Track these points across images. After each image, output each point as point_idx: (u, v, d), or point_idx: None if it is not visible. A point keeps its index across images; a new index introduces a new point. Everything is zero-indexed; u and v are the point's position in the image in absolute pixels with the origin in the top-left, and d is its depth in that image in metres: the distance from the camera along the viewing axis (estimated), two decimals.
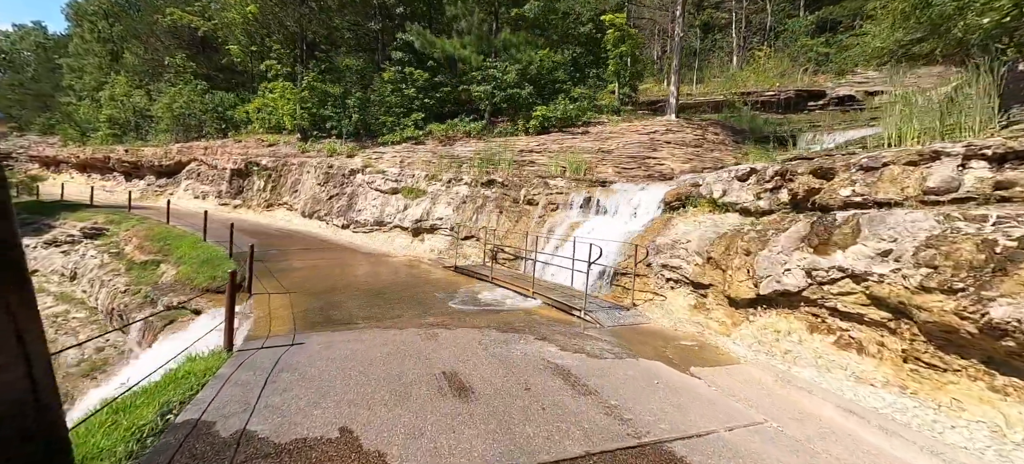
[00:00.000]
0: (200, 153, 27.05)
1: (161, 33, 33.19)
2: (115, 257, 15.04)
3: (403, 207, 17.40)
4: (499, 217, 15.32)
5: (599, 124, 20.47)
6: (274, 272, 11.38)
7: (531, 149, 18.84)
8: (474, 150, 19.40)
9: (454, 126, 21.54)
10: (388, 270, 12.82)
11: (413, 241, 16.77)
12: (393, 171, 18.65)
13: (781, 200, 8.36)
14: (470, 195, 16.51)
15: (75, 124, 38.43)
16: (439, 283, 11.58)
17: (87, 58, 40.91)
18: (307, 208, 20.17)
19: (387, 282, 11.23)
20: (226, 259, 12.02)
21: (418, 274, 12.55)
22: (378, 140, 22.76)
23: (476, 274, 12.62)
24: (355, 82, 24.76)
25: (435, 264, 14.36)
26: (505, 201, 15.77)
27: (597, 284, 11.04)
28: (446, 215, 16.28)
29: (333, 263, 12.96)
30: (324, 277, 11.26)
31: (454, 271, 13.34)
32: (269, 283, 10.35)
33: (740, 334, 7.16)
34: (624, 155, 17.15)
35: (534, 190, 15.30)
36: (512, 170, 17.31)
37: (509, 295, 10.61)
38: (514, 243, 14.34)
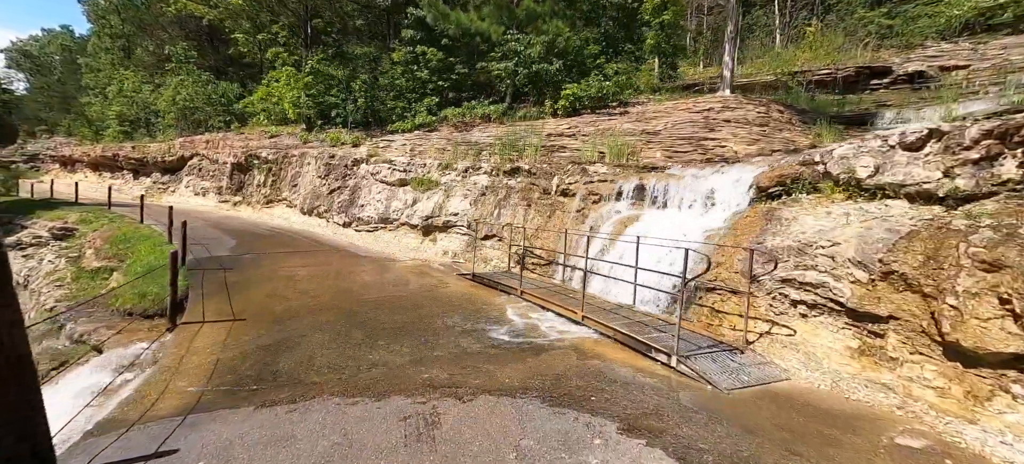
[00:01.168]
0: (202, 147, 24.37)
1: (167, 24, 30.72)
2: (71, 262, 12.19)
3: (412, 201, 14.22)
4: (527, 211, 11.98)
5: (638, 104, 16.94)
6: (237, 286, 8.28)
7: (561, 133, 15.43)
8: (494, 135, 16.08)
9: (471, 110, 18.26)
10: (388, 281, 9.60)
11: (423, 242, 13.57)
12: (401, 160, 15.48)
13: (1002, 176, 4.85)
14: (491, 186, 13.22)
15: (88, 122, 36.42)
16: (451, 299, 8.31)
17: (102, 56, 38.94)
18: (306, 204, 17.18)
19: (382, 300, 8.00)
20: None
21: (425, 286, 9.30)
22: (387, 128, 19.64)
23: (500, 285, 9.32)
24: (363, 66, 21.69)
25: (448, 271, 11.10)
26: (533, 192, 12.42)
27: (666, 302, 7.65)
28: (462, 210, 13.02)
29: (319, 272, 9.81)
30: (299, 293, 8.10)
31: (472, 280, 10.07)
32: (220, 303, 7.24)
33: (1005, 423, 3.68)
34: (675, 136, 13.62)
35: (569, 178, 11.91)
36: (540, 156, 13.95)
37: (547, 318, 7.29)
38: (547, 244, 11.00)
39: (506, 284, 9.25)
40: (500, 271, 11.02)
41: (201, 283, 8.20)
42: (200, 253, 10.72)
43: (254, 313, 6.85)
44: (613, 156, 12.74)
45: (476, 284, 9.84)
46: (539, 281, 9.88)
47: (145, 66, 32.96)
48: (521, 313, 7.62)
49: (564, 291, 8.80)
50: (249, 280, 8.70)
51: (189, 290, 7.82)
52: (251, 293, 7.86)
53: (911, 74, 19.25)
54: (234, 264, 9.93)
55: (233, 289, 8.02)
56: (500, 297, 8.76)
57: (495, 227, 12.17)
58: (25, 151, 49.55)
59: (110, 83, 34.02)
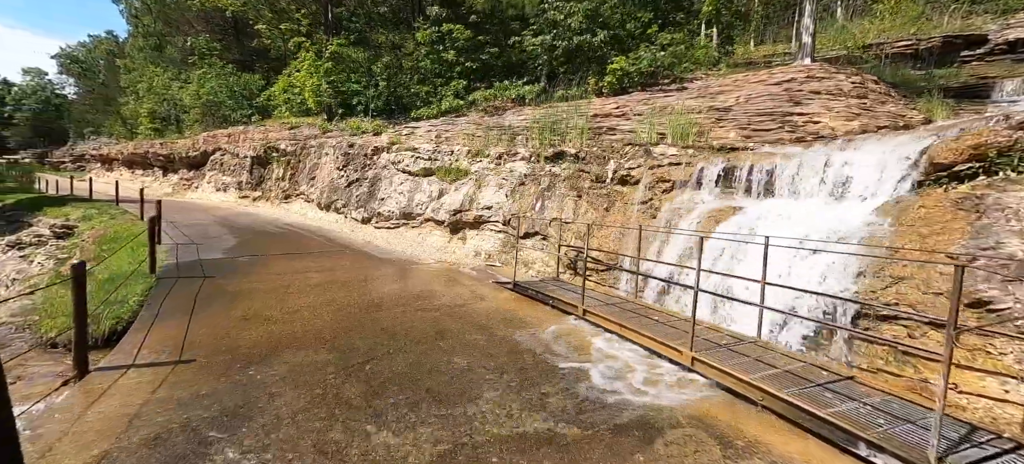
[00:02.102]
0: (224, 141, 22.79)
1: (194, 19, 29.39)
2: (59, 263, 10.42)
3: (437, 193, 11.91)
4: (576, 204, 9.48)
5: (696, 79, 14.15)
6: (211, 301, 6.10)
7: (608, 112, 12.81)
8: (530, 118, 13.60)
9: (503, 91, 15.82)
10: (408, 293, 7.28)
11: (451, 240, 11.24)
12: (426, 147, 13.18)
13: None
14: (530, 174, 10.76)
15: (123, 121, 35.82)
16: (490, 323, 5.90)
17: (136, 56, 38.33)
18: (323, 198, 15.13)
19: (397, 324, 5.67)
20: (143, 277, 6.86)
21: (455, 301, 6.93)
22: (411, 115, 17.40)
23: (552, 299, 6.87)
24: (386, 50, 19.54)
25: (482, 277, 8.73)
26: (583, 180, 9.91)
27: (805, 333, 5.08)
28: (497, 202, 10.62)
29: (322, 280, 7.58)
30: (287, 314, 5.85)
31: (513, 290, 7.67)
32: (174, 330, 5.05)
33: None
34: (751, 112, 10.82)
35: (629, 162, 9.36)
36: (587, 139, 11.43)
37: (634, 358, 4.81)
38: (605, 244, 8.49)
39: (560, 298, 6.79)
40: (547, 278, 8.57)
41: (164, 298, 6.06)
42: (187, 256, 8.68)
43: (213, 347, 4.62)
44: (677, 136, 10.10)
45: (519, 296, 7.42)
46: (600, 293, 7.37)
47: (174, 62, 31.87)
48: (585, 348, 5.16)
49: (643, 311, 6.27)
50: (231, 292, 6.52)
51: (142, 308, 5.69)
52: (224, 313, 5.65)
53: (1011, 42, 15.65)
54: (221, 270, 7.81)
55: (204, 306, 5.83)
56: (555, 317, 6.32)
57: (538, 223, 9.72)
58: (74, 152, 50.19)
59: (141, 81, 33.18)
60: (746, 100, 11.49)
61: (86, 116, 56.14)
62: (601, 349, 5.14)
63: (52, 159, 52.65)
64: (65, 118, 62.62)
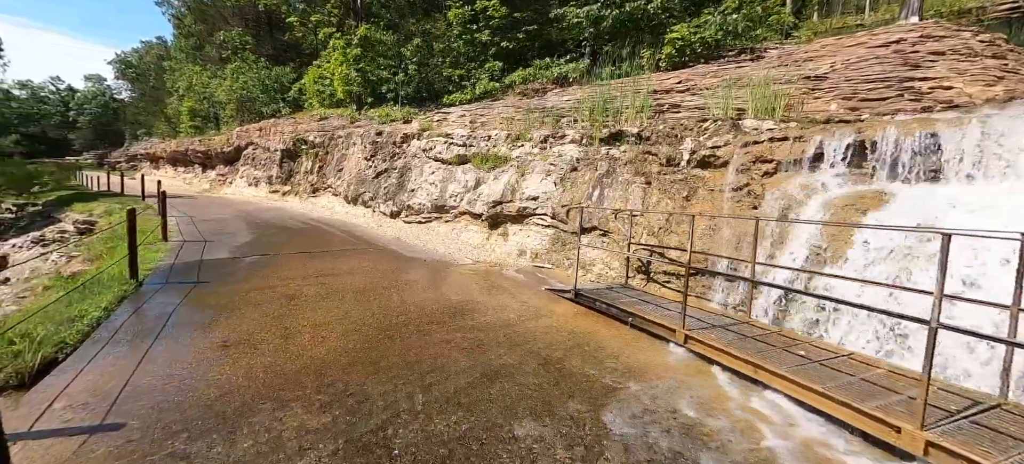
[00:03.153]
0: (255, 135, 21.91)
1: (229, 15, 28.83)
2: (67, 261, 9.36)
3: (473, 183, 10.19)
4: (645, 191, 7.53)
5: (771, 48, 11.84)
6: (195, 317, 4.59)
7: (668, 88, 10.72)
8: (575, 98, 11.68)
9: (543, 70, 13.94)
10: (441, 304, 5.57)
11: (490, 236, 9.50)
12: (460, 133, 11.47)
13: None
14: (584, 158, 8.88)
15: (167, 120, 36.08)
16: (556, 354, 4.10)
17: (179, 57, 38.61)
18: (350, 191, 13.72)
19: (426, 356, 3.96)
20: (121, 283, 5.43)
21: (502, 318, 5.17)
22: (443, 101, 15.77)
23: (631, 315, 4.99)
24: (416, 33, 17.97)
25: (530, 281, 6.95)
26: (650, 164, 7.96)
27: None
28: (544, 192, 8.80)
29: (337, 287, 5.99)
30: (284, 335, 4.24)
31: (574, 302, 5.86)
32: (124, 363, 3.50)
33: None
34: (855, 79, 8.52)
35: (712, 140, 7.34)
36: (648, 117, 9.46)
37: (788, 427, 2.89)
38: (685, 240, 6.53)
39: (644, 315, 4.91)
40: (613, 284, 6.69)
41: (131, 313, 4.57)
42: (189, 255, 7.30)
43: (159, 399, 3.04)
44: (761, 111, 8.01)
45: (584, 310, 5.59)
46: (689, 305, 5.44)
47: (211, 60, 31.58)
48: (721, 406, 3.29)
49: (773, 338, 4.31)
50: (218, 305, 4.99)
51: (98, 327, 4.20)
52: (201, 336, 4.10)
53: None
54: (220, 274, 6.35)
55: (176, 327, 4.31)
56: (643, 345, 4.47)
57: (596, 216, 7.82)
58: (128, 152, 51.71)
59: (182, 79, 33.17)
60: (845, 66, 9.18)
61: (139, 118, 57.79)
62: (727, 408, 3.26)
63: (110, 160, 54.43)
64: (121, 121, 64.84)
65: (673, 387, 3.57)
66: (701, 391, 3.52)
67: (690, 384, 3.64)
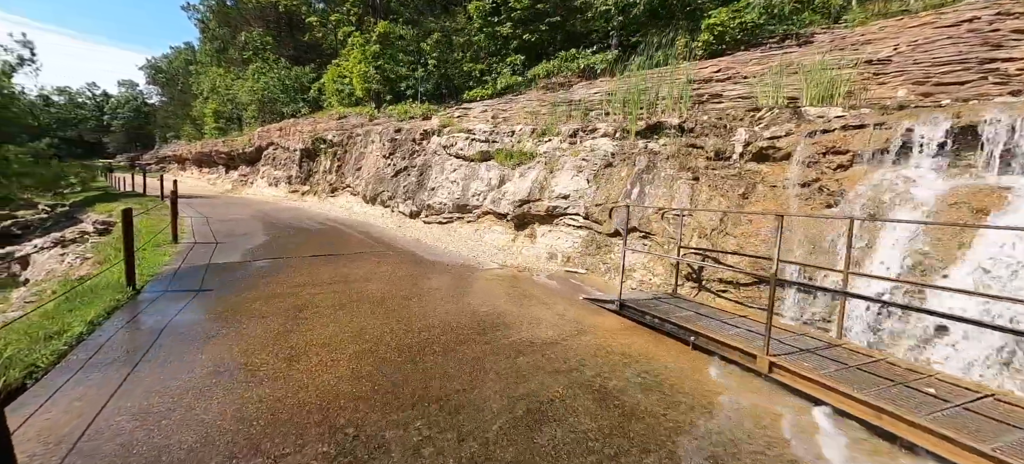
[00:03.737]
0: (276, 135, 21.66)
1: (251, 18, 28.78)
2: (80, 263, 9.00)
3: (497, 181, 9.45)
4: (693, 188, 6.66)
5: (821, 32, 10.77)
6: (190, 333, 3.96)
7: (707, 77, 9.78)
8: (605, 91, 10.84)
9: (568, 62, 13.10)
10: (466, 315, 4.83)
11: (516, 238, 8.74)
12: (482, 128, 10.75)
13: None
14: (619, 152, 8.04)
15: (193, 122, 36.48)
16: (611, 384, 3.29)
17: (205, 60, 39.02)
18: (369, 190, 13.14)
19: (451, 387, 3.21)
20: (116, 291, 4.85)
21: (538, 332, 4.40)
22: (463, 96, 15.11)
23: (693, 333, 4.13)
24: (436, 28, 17.34)
25: (565, 289, 6.16)
26: (695, 157, 7.08)
27: None
28: (575, 190, 7.98)
29: (353, 296, 5.33)
30: (288, 357, 3.56)
31: (619, 314, 5.05)
32: (92, 396, 2.85)
33: None
34: (927, 62, 7.47)
35: (770, 130, 6.43)
36: (688, 108, 8.61)
37: None
38: (750, 244, 5.63)
39: (707, 333, 4.06)
40: (661, 294, 5.85)
41: (119, 328, 3.96)
42: (198, 258, 6.74)
43: (122, 451, 2.37)
44: (817, 98, 7.08)
45: (632, 325, 4.78)
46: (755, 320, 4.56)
47: (234, 62, 31.67)
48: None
49: (875, 363, 3.43)
50: (217, 319, 4.37)
51: (78, 345, 3.59)
52: (191, 357, 3.45)
53: None
54: (227, 280, 5.75)
55: (164, 347, 3.67)
56: (715, 374, 3.64)
57: (636, 215, 6.97)
58: (158, 154, 52.78)
59: (206, 81, 33.42)
60: (911, 48, 8.11)
61: (168, 121, 58.97)
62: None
63: (141, 162, 55.72)
64: (152, 124, 66.41)
65: (776, 440, 2.75)
66: (820, 448, 2.69)
67: (800, 435, 2.80)
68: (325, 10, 24.51)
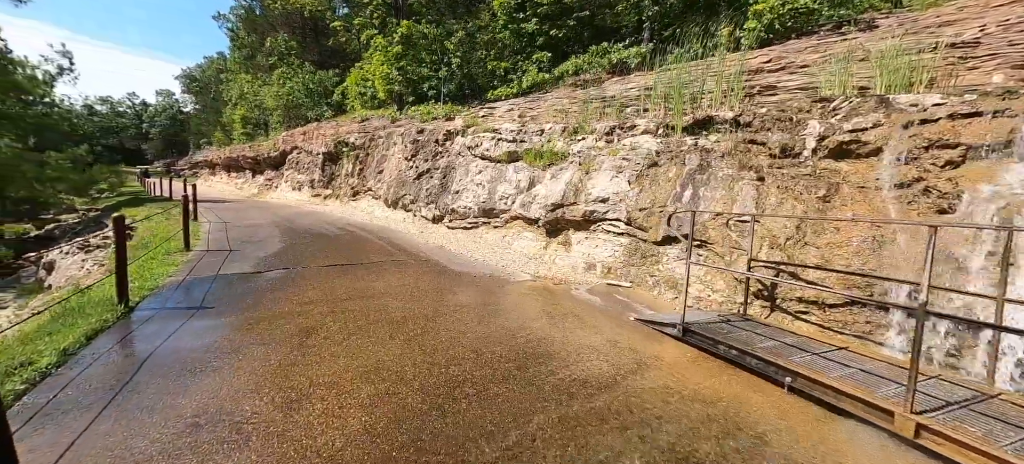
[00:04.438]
0: (300, 139, 21.43)
1: (278, 24, 28.88)
2: (96, 270, 8.62)
3: (526, 183, 8.65)
4: (758, 190, 5.70)
5: (881, 17, 9.59)
6: (175, 367, 3.28)
7: (757, 68, 8.74)
8: (640, 85, 9.92)
9: (599, 57, 12.21)
10: (499, 343, 4.02)
11: (549, 245, 7.91)
12: (509, 128, 9.97)
13: None
14: (665, 150, 7.12)
15: (223, 128, 37.05)
16: (698, 453, 2.41)
17: (235, 68, 39.64)
18: (390, 194, 12.53)
19: (483, 450, 2.40)
20: (106, 309, 4.25)
21: (589, 368, 3.54)
22: (487, 96, 14.38)
23: (789, 372, 3.18)
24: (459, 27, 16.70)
25: (610, 305, 5.29)
26: (756, 155, 6.11)
27: None
28: (615, 192, 7.09)
29: (368, 318, 4.59)
30: (282, 413, 2.81)
31: (683, 340, 4.15)
32: (41, 453, 2.14)
33: None
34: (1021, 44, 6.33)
35: (850, 122, 5.42)
36: (740, 100, 7.66)
37: None
38: (838, 257, 4.65)
39: (818, 378, 3.11)
40: (728, 315, 4.92)
41: (97, 358, 3.31)
42: (207, 268, 6.15)
43: None
44: (895, 85, 6.03)
45: (700, 355, 3.87)
46: (861, 353, 3.59)
47: (261, 69, 31.91)
48: None
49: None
50: (222, 342, 3.69)
51: (45, 377, 2.94)
52: (172, 403, 2.75)
53: None
54: (233, 296, 5.11)
55: (154, 381, 2.99)
56: (829, 432, 2.71)
57: (689, 221, 6.02)
58: (191, 160, 54.11)
59: (234, 88, 33.82)
60: (1002, 28, 6.93)
61: (201, 128, 60.47)
62: None
63: (176, 167, 57.25)
64: (186, 131, 68.32)
65: None
66: None
67: None
68: (349, 14, 24.28)
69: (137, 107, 77.23)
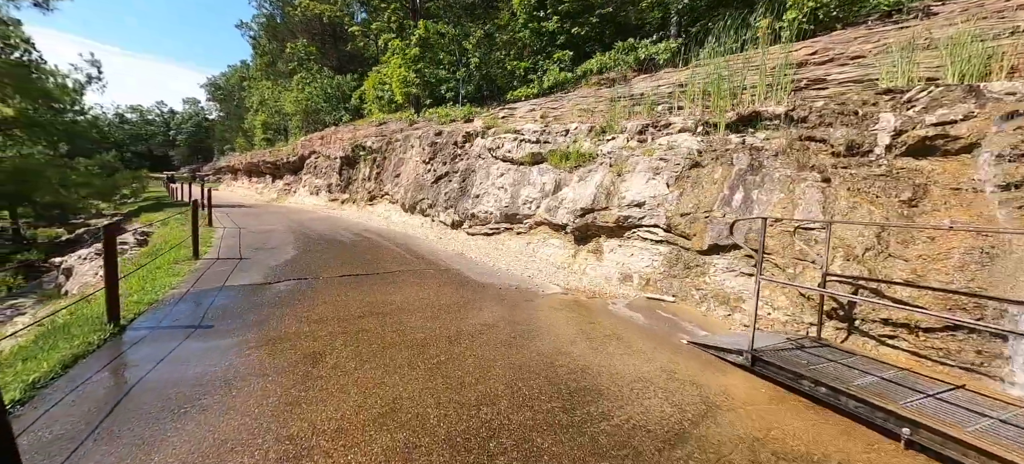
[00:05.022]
0: (318, 144, 21.22)
1: (297, 30, 28.95)
2: None
3: (552, 186, 8.02)
4: (824, 192, 4.95)
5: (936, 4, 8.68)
6: (158, 403, 2.75)
7: (802, 61, 7.94)
8: (672, 81, 9.22)
9: (623, 55, 11.51)
10: (535, 375, 3.39)
11: (577, 253, 7.25)
12: (531, 128, 9.36)
13: None
14: (707, 150, 6.40)
15: (244, 134, 37.42)
16: None
17: (257, 75, 40.08)
18: (407, 198, 12.04)
19: None
20: (94, 329, 3.77)
21: (648, 412, 2.87)
22: (507, 97, 13.82)
23: (906, 421, 2.41)
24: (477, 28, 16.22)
25: (657, 325, 4.60)
26: (816, 153, 5.36)
27: None
28: (654, 196, 6.40)
29: (383, 340, 4.02)
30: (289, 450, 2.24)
31: (750, 370, 3.44)
32: None
33: None
34: None
35: (933, 114, 4.62)
36: (787, 94, 6.92)
37: None
38: (933, 272, 3.90)
39: (942, 430, 2.38)
40: (799, 339, 4.18)
41: (77, 385, 2.80)
42: (214, 279, 5.68)
43: None
44: (969, 74, 5.19)
45: (776, 391, 3.15)
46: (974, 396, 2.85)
47: (282, 75, 32.08)
48: None
49: None
50: (215, 372, 3.16)
51: None
52: (143, 459, 2.19)
53: None
54: (239, 311, 4.60)
55: (128, 425, 2.46)
56: None
57: (739, 229, 5.30)
58: (215, 166, 55.05)
59: (256, 94, 34.09)
60: None
61: (225, 135, 61.53)
62: None
63: (201, 173, 58.27)
64: (211, 138, 69.68)
65: None
66: None
67: None
68: (367, 19, 24.11)
69: (165, 115, 79.22)
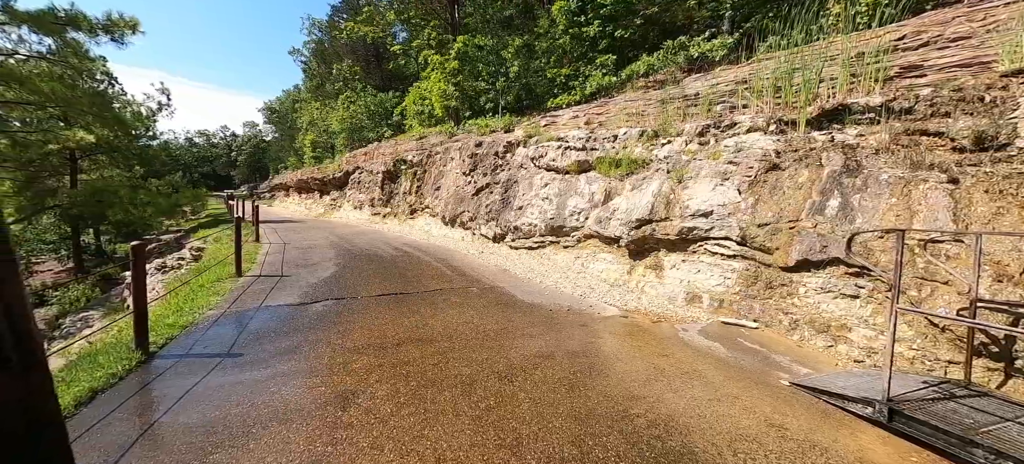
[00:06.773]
0: (361, 160, 21.58)
1: (344, 53, 29.96)
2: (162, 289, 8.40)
3: (602, 196, 7.31)
4: (952, 196, 3.96)
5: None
6: (179, 440, 2.33)
7: (891, 46, 6.83)
8: (730, 79, 8.29)
9: (673, 53, 10.65)
10: (611, 430, 2.71)
11: (633, 269, 6.47)
12: (576, 135, 8.70)
13: None
14: (786, 150, 5.49)
15: (296, 154, 39.14)
16: None
17: (307, 96, 42.01)
18: (448, 211, 11.67)
19: None
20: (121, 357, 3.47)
21: None
22: (547, 105, 13.25)
23: None
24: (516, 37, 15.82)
25: (743, 358, 3.77)
26: (930, 149, 4.36)
27: None
28: (722, 204, 5.56)
29: (424, 377, 3.48)
30: None
31: (887, 428, 2.55)
32: None
33: None
34: None
35: None
36: (878, 84, 5.91)
37: None
38: None
39: None
40: (939, 382, 3.26)
41: (87, 429, 2.43)
42: (252, 299, 5.40)
43: None
44: None
45: (937, 462, 2.32)
46: None
47: (329, 96, 33.30)
48: None
49: None
50: (235, 413, 2.73)
51: None
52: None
53: None
54: (272, 335, 4.24)
55: None
56: None
57: (833, 241, 4.37)
58: (271, 184, 58.11)
59: (306, 115, 35.54)
60: None
61: (279, 154, 64.90)
62: None
63: (258, 191, 61.54)
64: (267, 158, 73.74)
65: None
66: None
67: None
68: (408, 38, 24.52)
69: (227, 138, 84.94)
